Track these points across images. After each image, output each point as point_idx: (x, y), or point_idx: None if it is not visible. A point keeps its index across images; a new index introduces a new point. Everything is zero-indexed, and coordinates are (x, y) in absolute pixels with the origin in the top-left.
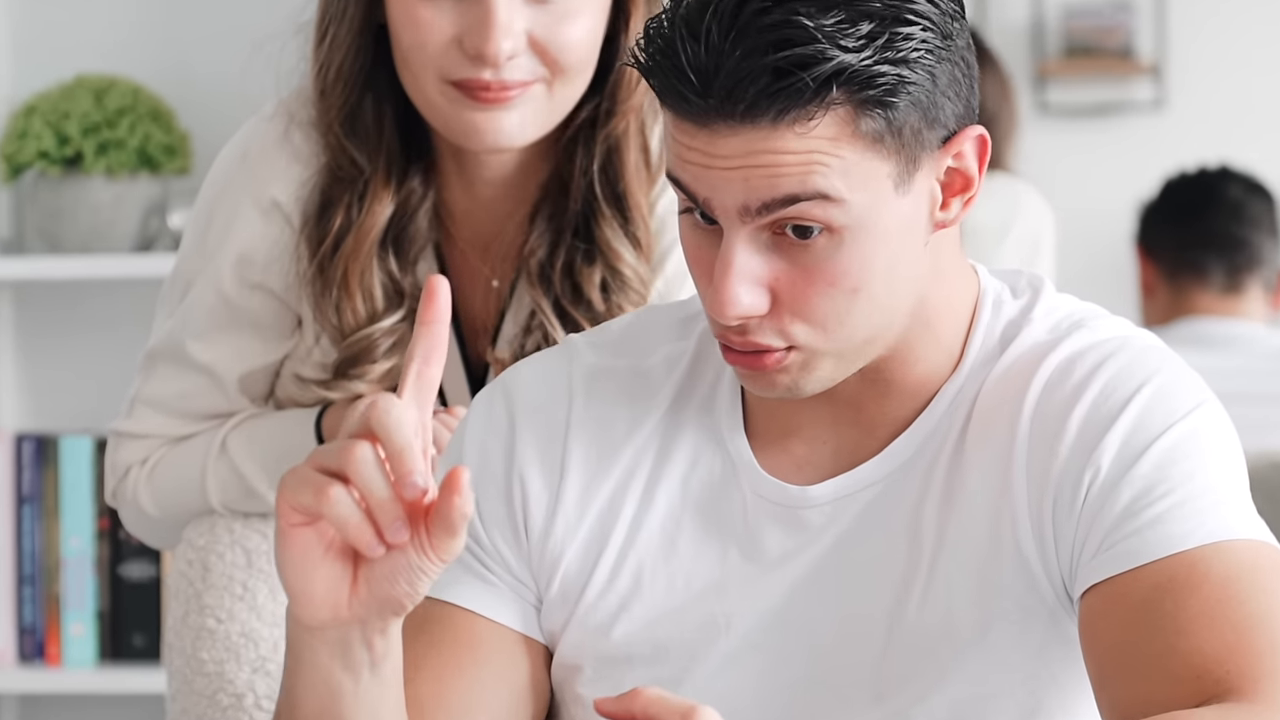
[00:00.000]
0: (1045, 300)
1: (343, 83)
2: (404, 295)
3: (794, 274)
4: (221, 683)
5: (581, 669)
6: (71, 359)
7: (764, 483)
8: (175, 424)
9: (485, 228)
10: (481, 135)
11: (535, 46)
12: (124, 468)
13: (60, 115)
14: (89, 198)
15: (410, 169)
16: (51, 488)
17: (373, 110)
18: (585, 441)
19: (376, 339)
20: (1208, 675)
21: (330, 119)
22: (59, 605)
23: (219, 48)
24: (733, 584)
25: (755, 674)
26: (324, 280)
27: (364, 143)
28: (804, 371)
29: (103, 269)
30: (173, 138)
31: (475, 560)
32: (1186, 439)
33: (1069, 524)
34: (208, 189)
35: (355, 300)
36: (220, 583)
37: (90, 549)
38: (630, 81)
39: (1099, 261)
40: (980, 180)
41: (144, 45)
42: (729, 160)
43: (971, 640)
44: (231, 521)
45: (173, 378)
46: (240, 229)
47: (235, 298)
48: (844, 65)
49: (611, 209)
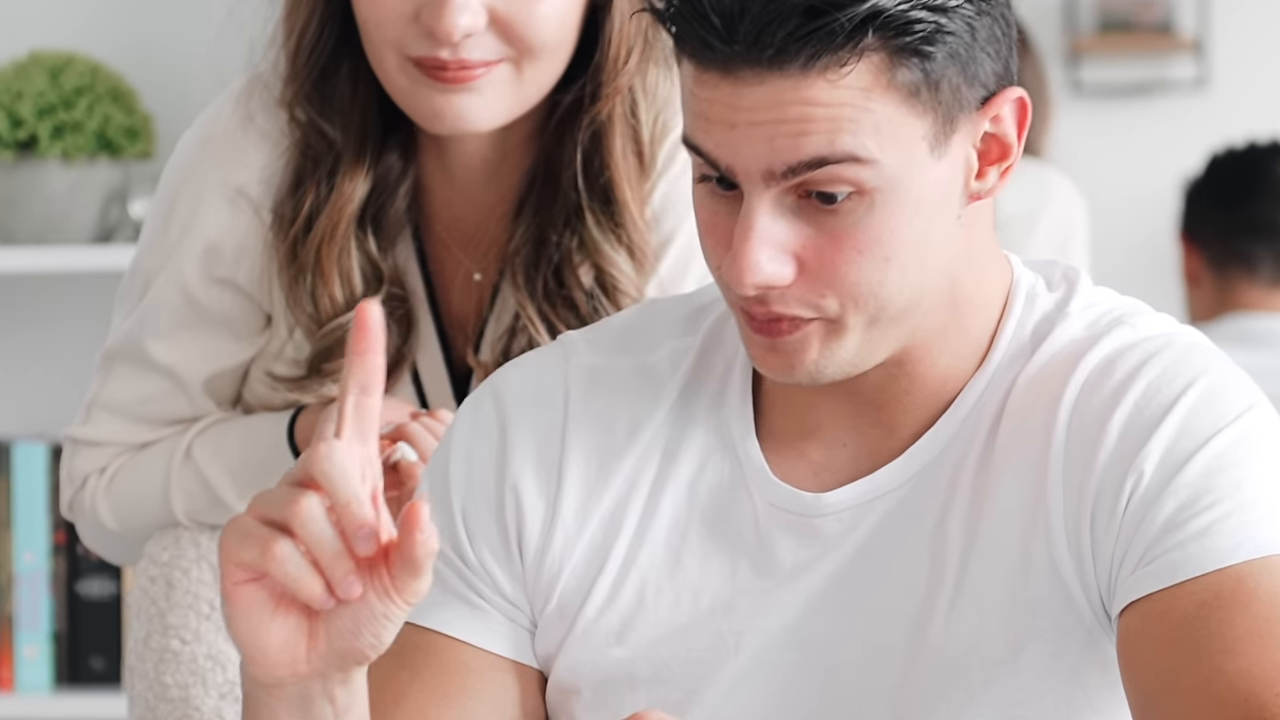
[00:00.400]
0: (1082, 294)
1: (313, 49)
2: (384, 279)
3: (821, 241)
4: (187, 709)
5: (579, 692)
6: (25, 359)
7: (776, 490)
8: (136, 430)
9: (466, 217)
10: (443, 119)
11: (498, 24)
12: (81, 477)
13: (13, 95)
14: (44, 185)
15: (388, 143)
16: (3, 498)
17: (347, 80)
18: (584, 447)
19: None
20: (1255, 699)
21: (300, 88)
22: (11, 625)
23: (185, 23)
24: (742, 600)
25: (767, 697)
26: (297, 265)
27: (336, 114)
28: (827, 347)
29: (59, 261)
30: (134, 120)
31: (462, 582)
32: (1236, 445)
33: (1108, 536)
34: (169, 176)
35: (332, 285)
36: (185, 601)
37: (45, 564)
38: (615, 62)
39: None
40: (1019, 148)
41: (104, 19)
42: (754, 114)
43: (1001, 661)
44: (197, 534)
45: (133, 380)
46: (205, 220)
47: (200, 294)
48: (879, 7)
49: (597, 202)
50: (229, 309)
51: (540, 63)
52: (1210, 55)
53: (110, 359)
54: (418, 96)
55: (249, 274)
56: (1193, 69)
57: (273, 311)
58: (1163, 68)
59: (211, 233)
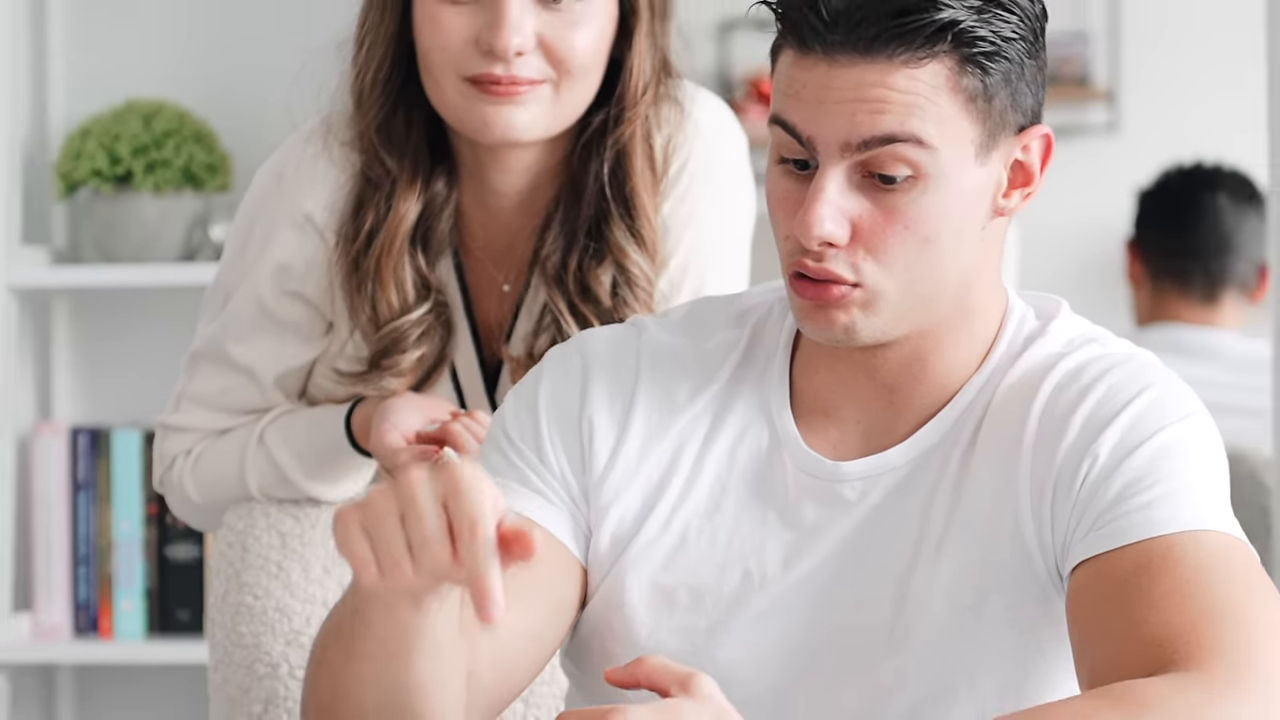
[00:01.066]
0: (1062, 319)
1: (377, 91)
2: (430, 289)
3: (875, 215)
4: (258, 654)
5: (623, 607)
6: (121, 359)
7: (805, 456)
8: (217, 418)
9: (498, 239)
10: (492, 128)
11: (544, 48)
12: (170, 458)
13: (112, 137)
14: (138, 213)
15: (435, 172)
16: (104, 476)
17: (403, 120)
18: (648, 404)
19: (407, 329)
20: (1169, 646)
21: (365, 126)
22: (111, 583)
23: (259, 73)
24: (770, 546)
25: (782, 629)
26: (359, 275)
27: (394, 147)
28: (864, 312)
29: (150, 278)
30: (215, 157)
31: (540, 480)
32: (1176, 442)
33: (1065, 507)
34: (246, 205)
35: (389, 292)
36: (257, 563)
37: (139, 532)
38: (635, 91)
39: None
40: (1040, 179)
41: (190, 71)
42: (842, 92)
43: (970, 609)
44: (268, 507)
45: (215, 376)
46: (277, 243)
47: (272, 305)
48: (956, 20)
49: (620, 209)
50: (297, 317)
51: (575, 85)
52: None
53: (196, 359)
54: (471, 111)
55: (314, 288)
56: (1105, 115)
57: (334, 319)
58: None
59: (283, 253)
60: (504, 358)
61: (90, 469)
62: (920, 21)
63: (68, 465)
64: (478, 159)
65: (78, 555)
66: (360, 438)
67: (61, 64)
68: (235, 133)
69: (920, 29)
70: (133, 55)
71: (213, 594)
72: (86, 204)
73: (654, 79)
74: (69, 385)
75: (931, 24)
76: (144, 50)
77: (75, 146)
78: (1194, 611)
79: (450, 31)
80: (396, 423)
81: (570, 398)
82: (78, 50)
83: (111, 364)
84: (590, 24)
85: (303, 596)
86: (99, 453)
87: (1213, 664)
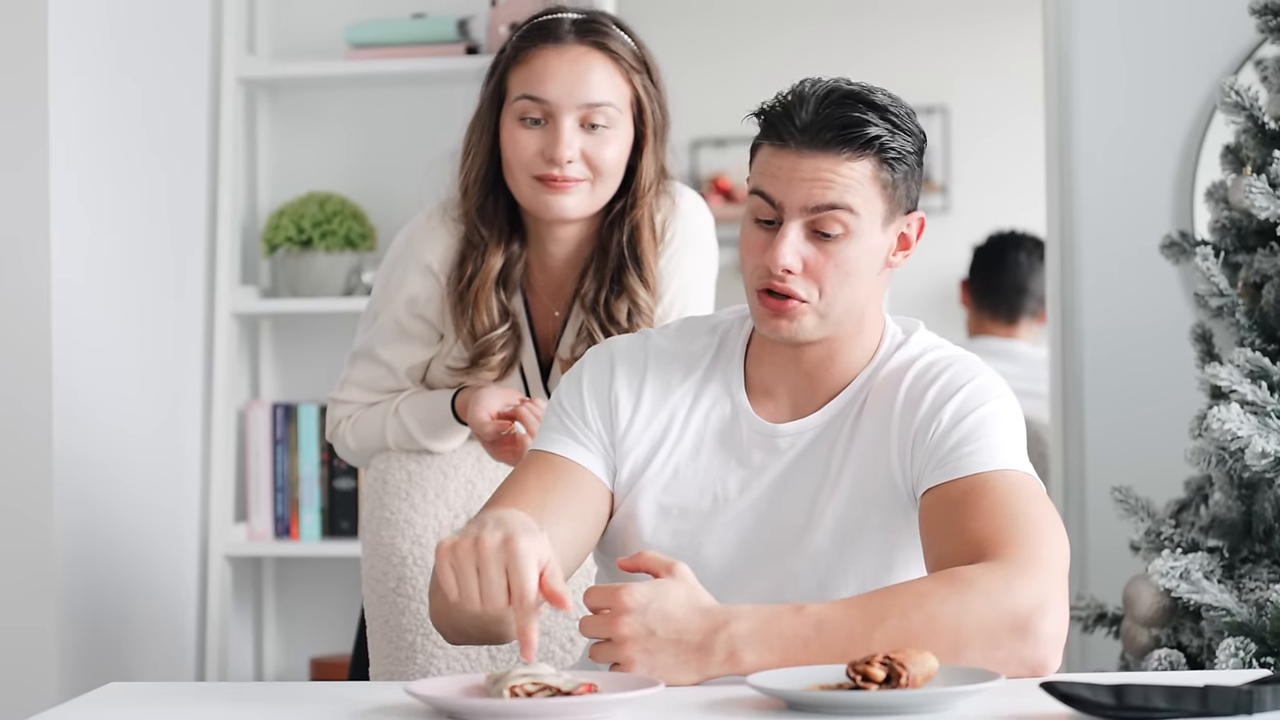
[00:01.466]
0: (919, 333)
1: (476, 185)
2: (508, 315)
3: (818, 256)
4: (392, 549)
5: (637, 516)
6: (305, 358)
7: (754, 420)
8: (368, 395)
9: (552, 283)
10: (550, 209)
11: (585, 158)
12: (337, 420)
13: (298, 215)
14: (315, 264)
15: (513, 238)
16: (294, 435)
17: (492, 203)
18: (653, 386)
19: (494, 340)
20: (983, 544)
21: (468, 208)
22: (298, 504)
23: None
24: (731, 480)
25: (736, 534)
26: (463, 305)
27: (486, 222)
28: (805, 320)
29: (323, 306)
30: (365, 229)
31: (583, 435)
32: (993, 413)
33: (920, 453)
34: (388, 257)
35: (483, 316)
36: (392, 490)
37: (316, 471)
38: (643, 188)
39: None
40: (915, 246)
41: (349, 171)
42: (804, 173)
43: (856, 522)
44: (400, 455)
45: (367, 369)
46: (408, 283)
47: (405, 323)
48: (879, 135)
49: (633, 264)
50: (421, 331)
51: (605, 183)
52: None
53: (355, 357)
54: (537, 198)
55: (432, 312)
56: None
57: (445, 332)
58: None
59: (411, 290)
60: (556, 359)
61: (285, 430)
62: (857, 134)
63: (269, 428)
64: (539, 230)
65: (276, 485)
66: (460, 413)
67: (266, 166)
68: (378, 212)
69: (857, 138)
70: (312, 160)
71: (364, 511)
72: (282, 259)
73: (655, 179)
74: (271, 375)
75: (864, 136)
76: (319, 157)
77: (275, 221)
78: (1000, 521)
79: (525, 147)
80: (484, 404)
81: (603, 381)
82: (276, 158)
83: (297, 363)
84: (615, 144)
85: (421, 512)
86: (290, 420)
87: (1011, 555)
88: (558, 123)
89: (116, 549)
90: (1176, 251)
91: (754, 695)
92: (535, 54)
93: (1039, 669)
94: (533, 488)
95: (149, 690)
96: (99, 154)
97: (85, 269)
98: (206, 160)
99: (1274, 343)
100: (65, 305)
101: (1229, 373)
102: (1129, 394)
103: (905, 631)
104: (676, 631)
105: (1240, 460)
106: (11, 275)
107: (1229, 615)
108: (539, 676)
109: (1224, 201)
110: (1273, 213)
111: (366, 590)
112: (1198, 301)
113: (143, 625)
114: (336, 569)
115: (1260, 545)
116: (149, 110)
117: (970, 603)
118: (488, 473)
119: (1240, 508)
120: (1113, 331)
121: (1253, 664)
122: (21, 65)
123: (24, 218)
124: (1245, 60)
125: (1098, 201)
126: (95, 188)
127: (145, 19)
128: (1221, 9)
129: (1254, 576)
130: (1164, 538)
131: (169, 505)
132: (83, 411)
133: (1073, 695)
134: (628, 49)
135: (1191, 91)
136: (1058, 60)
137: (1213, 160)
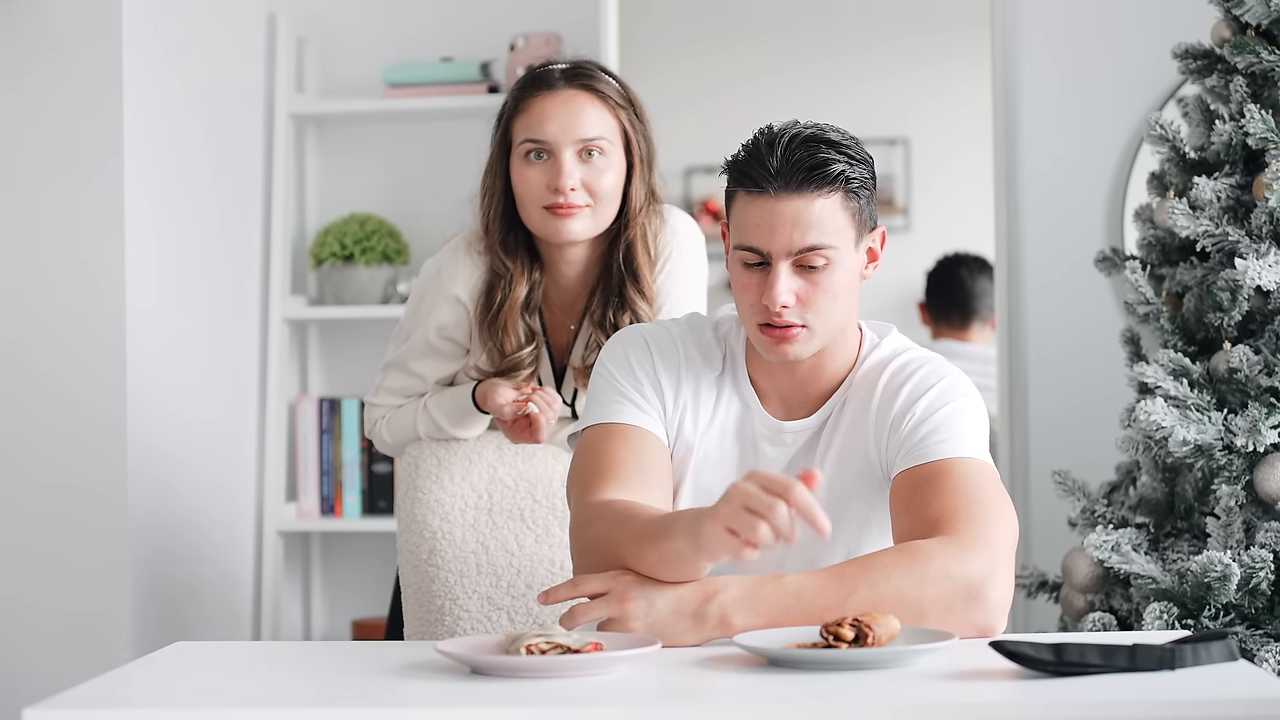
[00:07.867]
0: (892, 337)
1: (495, 223)
2: (532, 334)
3: (808, 287)
4: (424, 525)
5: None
6: (348, 360)
7: (764, 418)
8: (398, 400)
9: (565, 300)
10: (560, 234)
11: (585, 187)
12: (373, 421)
13: (341, 234)
14: (357, 276)
15: (532, 268)
16: (338, 425)
17: (512, 236)
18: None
19: (523, 357)
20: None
21: (491, 243)
22: (342, 485)
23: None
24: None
25: None
26: (493, 329)
27: (508, 255)
28: (804, 342)
29: (364, 313)
30: (400, 245)
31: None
32: (960, 409)
33: (894, 442)
34: (418, 286)
35: (511, 338)
36: (424, 473)
37: (358, 457)
38: (635, 211)
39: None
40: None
41: (386, 195)
42: (783, 219)
43: (841, 499)
44: (430, 443)
45: (399, 379)
46: (437, 312)
47: (435, 344)
48: (843, 170)
49: (632, 280)
50: (449, 350)
51: (604, 207)
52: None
53: (388, 367)
54: (548, 225)
55: (460, 335)
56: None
57: (470, 348)
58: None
59: (441, 319)
60: (569, 367)
61: (330, 421)
62: (824, 172)
63: (316, 419)
64: (552, 255)
65: (323, 469)
66: (480, 403)
67: (313, 191)
68: (411, 231)
69: (825, 176)
70: (353, 186)
71: (399, 491)
72: (327, 271)
73: (645, 202)
74: (317, 373)
75: (831, 173)
76: (360, 183)
77: (321, 239)
78: (958, 502)
79: (532, 182)
80: (500, 391)
81: (646, 361)
82: (322, 183)
83: (341, 362)
84: (610, 171)
85: (449, 493)
86: (334, 412)
87: (965, 531)
88: (558, 157)
89: (182, 525)
90: (1109, 265)
91: (741, 653)
92: (533, 102)
93: (988, 630)
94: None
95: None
96: (168, 181)
97: (156, 281)
98: (261, 186)
99: (1194, 345)
100: (137, 312)
101: (1154, 371)
102: (1068, 389)
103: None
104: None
105: (1164, 448)
106: (90, 289)
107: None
108: (551, 636)
109: (1150, 221)
110: (1192, 231)
111: (401, 561)
112: (1127, 309)
113: (205, 592)
114: (375, 542)
115: (1181, 522)
116: (211, 142)
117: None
118: (507, 458)
119: (1164, 489)
120: (1053, 334)
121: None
122: (98, 103)
123: (103, 237)
124: (1169, 98)
125: (1040, 221)
126: (166, 210)
127: (207, 63)
128: (1148, 53)
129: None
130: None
131: (228, 487)
132: (150, 409)
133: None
134: (613, 89)
135: (1122, 125)
136: (1005, 98)
137: (1140, 185)
